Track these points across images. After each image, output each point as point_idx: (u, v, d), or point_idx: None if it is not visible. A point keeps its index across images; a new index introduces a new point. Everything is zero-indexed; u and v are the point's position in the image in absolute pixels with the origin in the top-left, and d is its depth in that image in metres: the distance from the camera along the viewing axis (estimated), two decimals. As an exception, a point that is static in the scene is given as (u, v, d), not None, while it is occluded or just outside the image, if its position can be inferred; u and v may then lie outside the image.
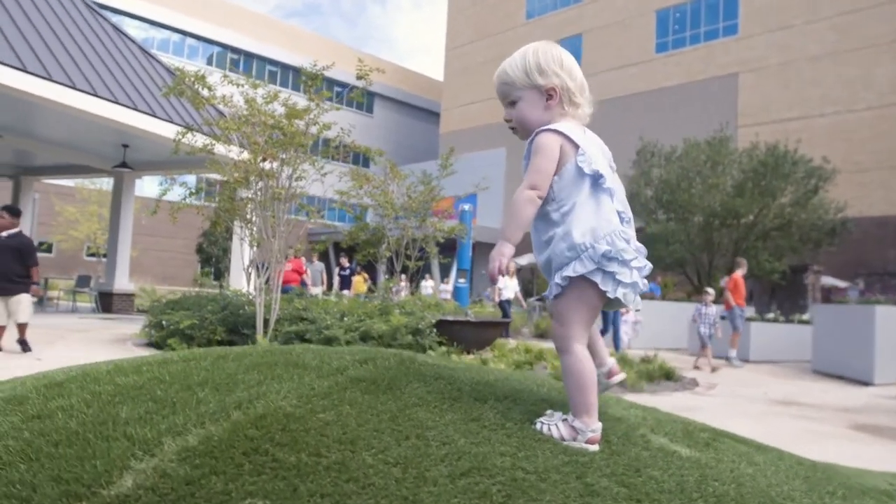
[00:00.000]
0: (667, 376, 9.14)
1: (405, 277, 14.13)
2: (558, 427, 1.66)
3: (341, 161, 11.45)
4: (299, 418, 1.47)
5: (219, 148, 9.13)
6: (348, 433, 1.42)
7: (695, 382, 9.34)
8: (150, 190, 28.63)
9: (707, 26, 31.15)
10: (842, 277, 23.26)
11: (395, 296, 11.58)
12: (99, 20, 13.59)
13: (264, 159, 8.79)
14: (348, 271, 18.55)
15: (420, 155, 45.20)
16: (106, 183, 29.63)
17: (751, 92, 28.85)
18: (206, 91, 9.28)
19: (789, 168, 20.08)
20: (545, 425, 1.67)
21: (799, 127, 25.96)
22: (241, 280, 12.11)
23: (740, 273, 12.53)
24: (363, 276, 19.32)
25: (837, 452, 4.89)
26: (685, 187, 20.76)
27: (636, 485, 1.43)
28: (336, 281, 18.78)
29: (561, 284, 1.68)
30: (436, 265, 22.02)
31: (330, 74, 9.60)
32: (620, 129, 26.61)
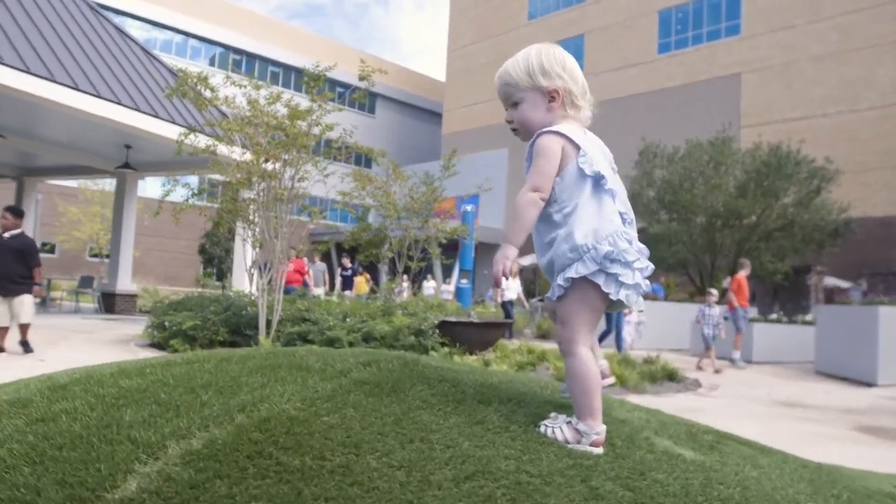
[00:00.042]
0: (669, 377, 9.13)
1: (407, 278, 14.13)
2: (562, 430, 1.65)
3: (343, 162, 11.44)
4: (303, 421, 1.47)
5: (221, 149, 9.14)
6: (352, 436, 1.42)
7: (697, 383, 9.32)
8: (153, 191, 28.62)
9: (709, 26, 31.12)
10: (845, 278, 23.22)
11: (397, 296, 11.58)
12: (101, 21, 13.61)
13: (267, 160, 8.80)
14: (350, 272, 18.54)
15: (422, 156, 45.23)
16: (108, 184, 29.70)
17: (753, 92, 28.81)
18: (209, 92, 9.31)
19: (792, 168, 20.06)
20: (549, 428, 1.67)
21: (802, 127, 25.93)
22: (244, 281, 12.12)
23: (744, 274, 12.48)
24: (365, 277, 19.33)
25: (841, 454, 4.88)
26: (688, 188, 20.75)
27: (641, 488, 1.43)
28: (338, 281, 18.79)
29: (563, 286, 1.68)
30: (438, 266, 22.01)
31: (332, 75, 9.60)
32: (623, 130, 26.57)
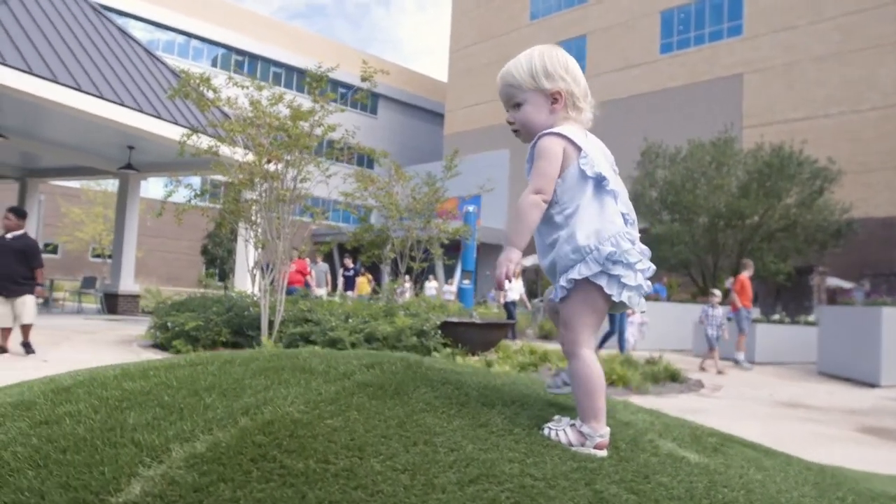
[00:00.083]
0: (672, 378, 9.12)
1: (409, 279, 14.14)
2: (566, 432, 1.65)
3: (346, 163, 11.44)
4: (307, 424, 1.47)
5: (224, 150, 9.15)
6: (356, 439, 1.42)
7: (700, 384, 9.31)
8: (155, 191, 28.69)
9: (711, 27, 31.09)
10: (847, 278, 23.17)
11: (400, 297, 11.58)
12: (104, 22, 13.62)
13: (269, 161, 8.80)
14: (352, 272, 18.57)
15: (424, 156, 45.24)
16: (111, 184, 29.74)
17: (755, 92, 28.77)
18: (211, 93, 9.32)
19: (794, 169, 20.01)
20: (553, 431, 1.67)
21: (804, 128, 25.89)
22: (246, 281, 12.13)
23: (746, 275, 12.43)
24: (367, 278, 19.35)
25: (844, 455, 4.87)
26: (690, 188, 20.71)
27: (645, 491, 1.43)
28: (340, 282, 18.82)
29: (566, 287, 1.68)
30: (440, 266, 22.03)
31: (334, 76, 9.61)
32: (625, 130, 26.57)
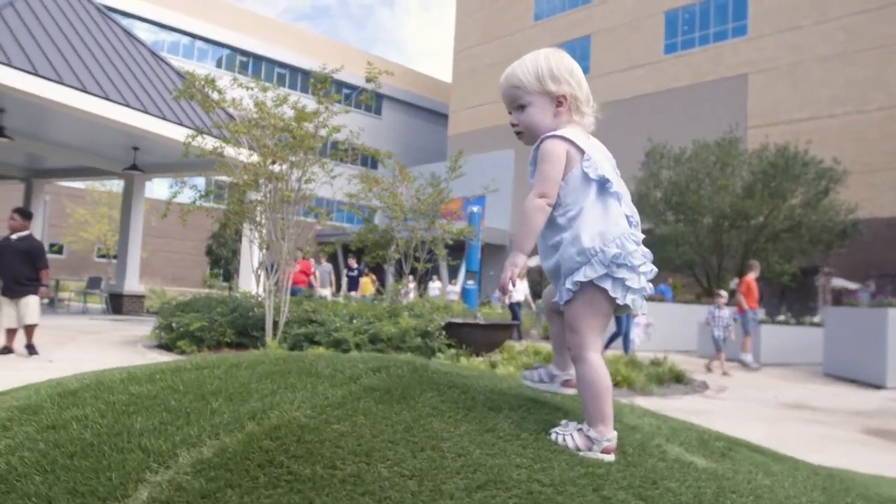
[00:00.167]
0: (677, 379, 9.11)
1: (413, 279, 14.13)
2: (573, 437, 1.65)
3: (350, 163, 11.45)
4: (314, 429, 1.46)
5: (228, 151, 9.17)
6: (363, 445, 1.41)
7: (705, 385, 9.29)
8: (160, 192, 28.77)
9: (716, 27, 31.00)
10: (852, 279, 23.09)
11: (404, 298, 11.57)
12: (109, 24, 13.66)
13: (274, 162, 8.82)
14: (356, 272, 18.59)
15: (428, 157, 45.22)
16: (116, 185, 29.85)
17: (760, 93, 28.68)
18: (216, 94, 9.33)
19: (799, 169, 19.95)
20: (560, 435, 1.66)
21: (809, 128, 25.80)
22: (251, 282, 12.14)
23: (753, 276, 12.36)
24: (371, 278, 19.36)
25: (850, 458, 4.85)
26: (694, 189, 20.66)
27: (653, 497, 1.42)
28: (344, 282, 18.85)
29: (572, 290, 1.68)
30: (444, 267, 22.00)
31: (338, 77, 9.62)
32: (629, 131, 26.51)
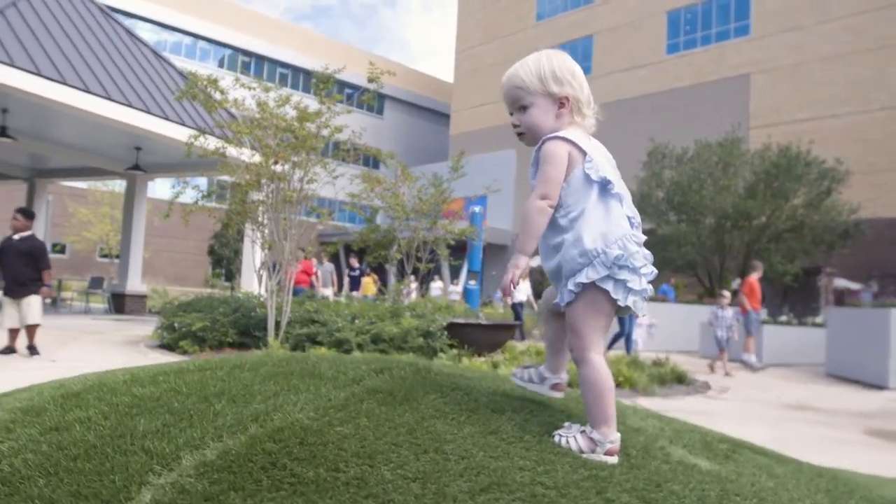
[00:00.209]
0: (679, 380, 9.10)
1: (415, 279, 14.13)
2: (577, 439, 1.65)
3: (352, 163, 11.45)
4: (317, 431, 1.46)
5: (231, 151, 9.17)
6: (366, 447, 1.41)
7: (707, 386, 9.28)
8: (162, 192, 28.78)
9: (718, 27, 30.95)
10: (855, 279, 23.06)
11: (406, 298, 11.57)
12: (112, 24, 13.68)
13: (276, 162, 8.82)
14: (358, 272, 18.61)
15: (430, 156, 45.20)
16: (118, 185, 29.86)
17: (762, 93, 28.64)
18: (219, 94, 9.34)
19: (802, 169, 19.90)
20: (564, 438, 1.66)
21: (811, 128, 25.74)
22: (253, 282, 12.15)
23: (755, 276, 12.31)
24: (373, 278, 19.37)
25: (852, 459, 4.84)
26: (696, 189, 20.63)
27: (657, 500, 1.41)
28: (346, 282, 18.87)
29: (574, 291, 1.67)
30: (446, 267, 22.01)
31: (340, 77, 9.62)
32: (631, 131, 26.49)
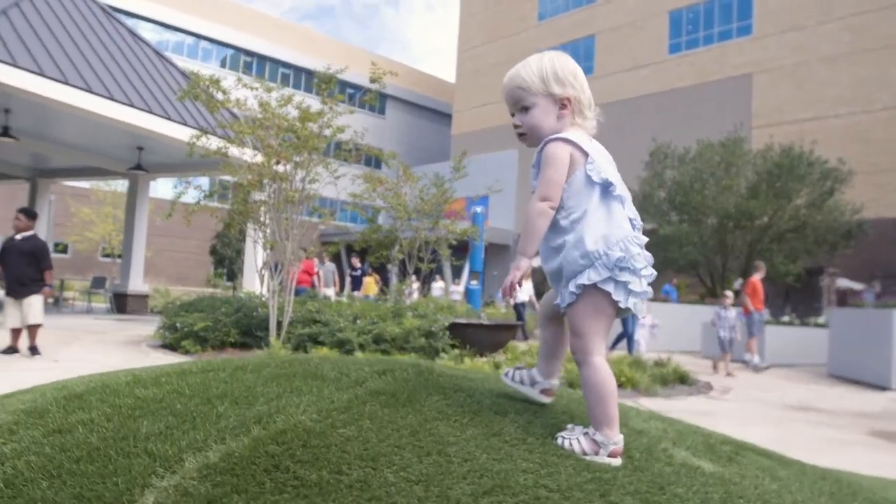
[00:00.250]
0: (681, 380, 9.08)
1: (417, 279, 14.13)
2: (580, 441, 1.64)
3: (354, 163, 11.45)
4: (320, 434, 1.46)
5: (233, 151, 9.18)
6: (369, 449, 1.41)
7: (709, 386, 9.26)
8: (165, 191, 28.83)
9: (721, 27, 30.91)
10: (858, 280, 23.01)
11: (408, 298, 11.58)
12: (114, 24, 13.69)
13: (278, 162, 8.83)
14: (359, 272, 18.62)
15: (432, 156, 45.20)
16: (121, 185, 29.89)
17: (765, 93, 28.60)
18: (221, 94, 9.34)
19: (804, 169, 19.88)
20: (567, 440, 1.66)
21: (814, 128, 25.71)
22: (255, 282, 12.16)
23: (758, 277, 12.29)
24: (374, 278, 19.37)
25: (855, 460, 4.83)
26: (699, 189, 20.61)
27: (660, 503, 1.41)
28: (348, 282, 18.89)
29: (575, 292, 1.67)
30: (447, 267, 22.02)
31: (342, 77, 9.63)
32: (633, 131, 26.49)
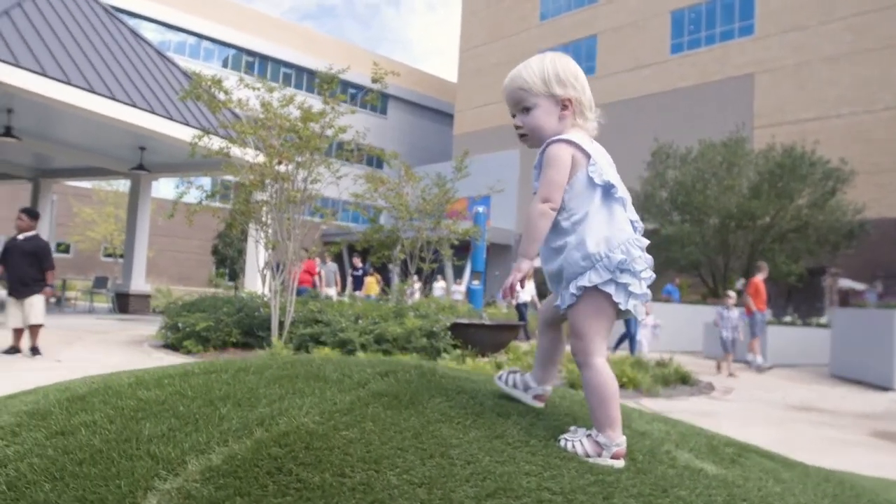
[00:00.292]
0: (683, 380, 9.07)
1: (419, 279, 14.13)
2: (583, 443, 1.64)
3: (356, 163, 11.45)
4: (322, 436, 1.45)
5: (235, 151, 9.18)
6: (372, 452, 1.40)
7: (711, 387, 9.25)
8: (166, 191, 28.81)
9: (722, 27, 30.89)
10: (859, 280, 22.98)
11: (409, 298, 11.57)
12: (116, 24, 13.71)
13: (279, 162, 8.83)
14: (361, 272, 18.62)
15: (434, 156, 45.20)
16: (123, 185, 29.89)
17: (766, 93, 28.56)
18: (223, 95, 9.35)
19: (806, 169, 19.87)
20: (569, 442, 1.65)
21: (816, 128, 25.69)
22: (256, 282, 12.16)
23: (761, 277, 12.27)
24: (376, 278, 19.37)
25: (857, 461, 4.83)
26: (700, 189, 20.60)
27: (664, 506, 1.41)
28: (349, 282, 18.90)
29: (576, 294, 1.67)
30: (449, 267, 22.03)
31: (344, 77, 9.63)
32: (635, 131, 26.47)
